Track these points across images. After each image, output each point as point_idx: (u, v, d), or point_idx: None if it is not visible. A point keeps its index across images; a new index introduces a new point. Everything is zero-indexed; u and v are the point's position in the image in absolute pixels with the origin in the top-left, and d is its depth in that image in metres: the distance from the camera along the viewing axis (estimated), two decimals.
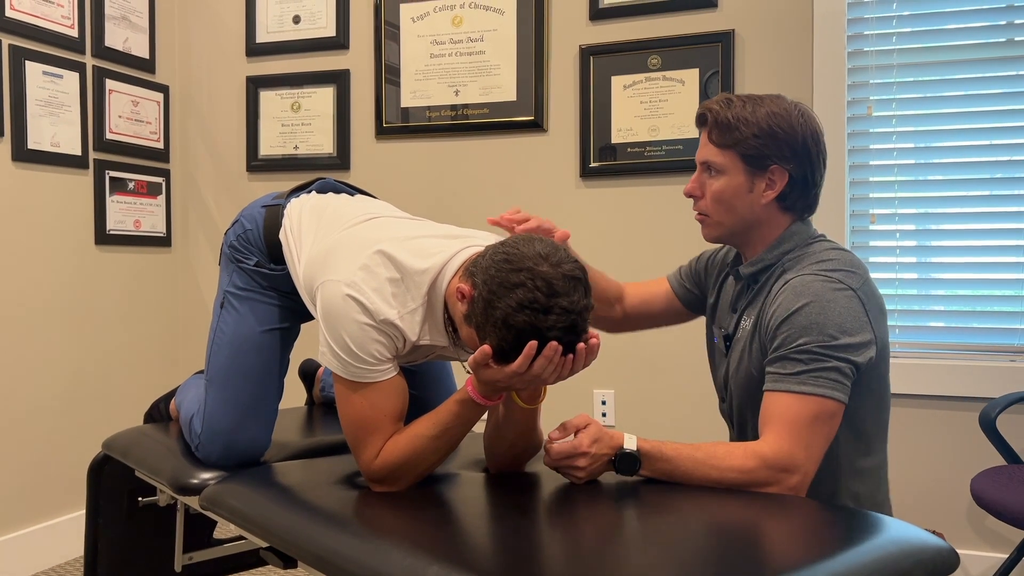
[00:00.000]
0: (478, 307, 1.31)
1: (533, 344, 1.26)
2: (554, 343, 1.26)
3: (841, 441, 1.45)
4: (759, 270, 1.55)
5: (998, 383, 2.43)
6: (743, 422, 1.58)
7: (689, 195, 1.57)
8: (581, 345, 1.30)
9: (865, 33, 2.61)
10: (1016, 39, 2.49)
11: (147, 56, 3.21)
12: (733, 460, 1.38)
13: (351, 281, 1.41)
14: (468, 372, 1.51)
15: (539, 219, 1.59)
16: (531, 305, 1.26)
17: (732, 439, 1.67)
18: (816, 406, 1.38)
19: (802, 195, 1.52)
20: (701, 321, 1.80)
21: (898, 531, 1.19)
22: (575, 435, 1.40)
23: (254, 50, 3.28)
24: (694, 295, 1.81)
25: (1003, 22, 2.50)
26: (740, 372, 1.54)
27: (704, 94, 2.71)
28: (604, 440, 1.41)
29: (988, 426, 2.20)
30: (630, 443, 1.40)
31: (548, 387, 1.43)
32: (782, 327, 1.41)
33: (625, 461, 1.40)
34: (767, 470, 1.36)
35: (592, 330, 1.33)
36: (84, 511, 2.10)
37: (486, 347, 1.29)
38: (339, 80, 3.16)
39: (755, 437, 1.56)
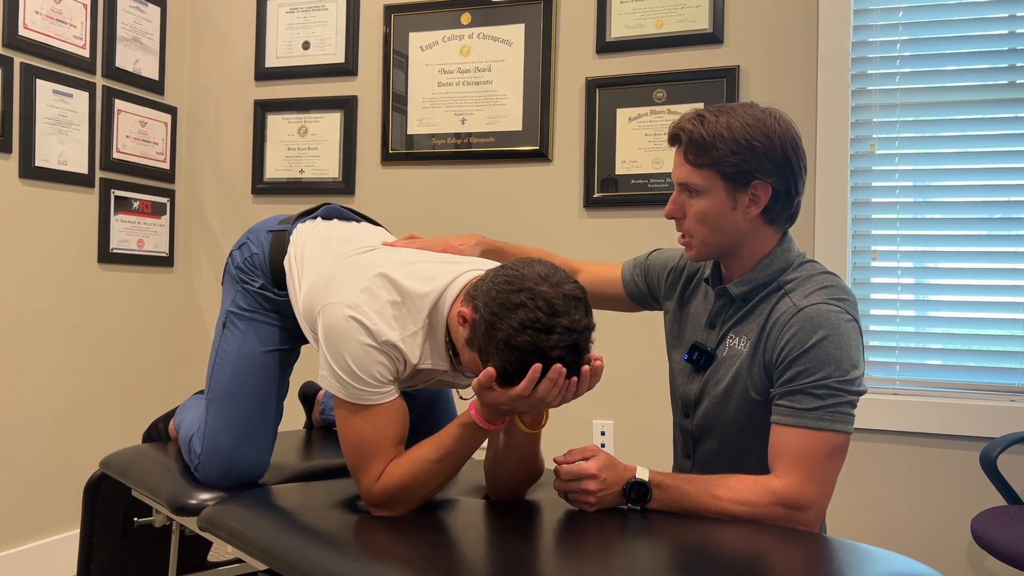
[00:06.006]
0: (480, 330, 1.31)
1: (537, 367, 1.26)
2: (559, 366, 1.26)
3: None
4: (751, 289, 1.51)
5: (998, 423, 2.43)
6: (711, 440, 1.57)
7: (670, 217, 1.53)
8: (586, 368, 1.30)
9: (869, 72, 2.64)
10: (1018, 81, 2.52)
11: (156, 77, 3.24)
12: (746, 494, 1.37)
13: (353, 303, 1.41)
14: (464, 399, 1.51)
15: (425, 240, 1.69)
16: (533, 325, 1.26)
17: (681, 454, 1.65)
18: (831, 441, 1.38)
19: (786, 206, 1.49)
20: None
21: (900, 566, 1.18)
22: (586, 460, 1.40)
23: (263, 74, 3.31)
24: (642, 292, 1.78)
25: (1005, 65, 2.53)
26: (732, 392, 1.51)
27: None
28: (616, 469, 1.40)
29: (989, 466, 2.19)
30: (642, 473, 1.39)
31: (549, 412, 1.43)
32: (800, 360, 1.40)
33: (636, 490, 1.39)
34: (780, 507, 1.36)
35: (595, 352, 1.33)
36: (78, 530, 2.08)
37: (490, 369, 1.29)
38: (346, 106, 3.19)
39: (721, 452, 1.55)
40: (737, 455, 1.53)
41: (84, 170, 2.91)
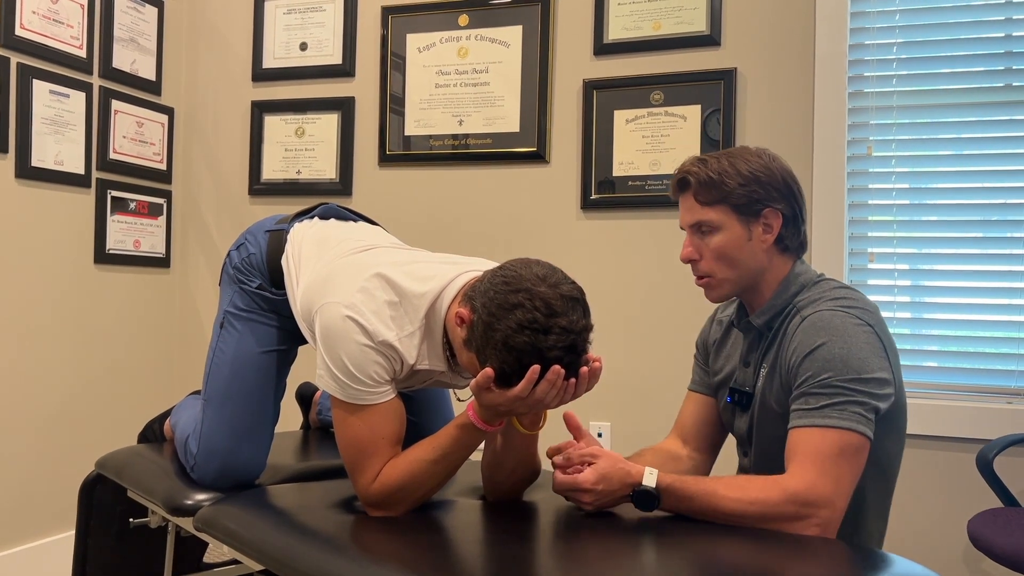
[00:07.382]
0: (478, 330, 1.31)
1: (536, 368, 1.26)
2: (557, 367, 1.26)
3: (868, 479, 1.42)
4: (771, 317, 1.53)
5: (995, 425, 2.43)
6: (762, 470, 1.55)
7: (687, 261, 1.55)
8: (584, 369, 1.30)
9: (865, 75, 2.64)
10: (1014, 84, 2.52)
11: (153, 78, 3.23)
12: (756, 492, 1.34)
13: (350, 303, 1.41)
14: (461, 400, 1.51)
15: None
16: (531, 325, 1.26)
17: None
18: (841, 438, 1.35)
19: (795, 233, 1.53)
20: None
21: (897, 567, 1.18)
22: (585, 465, 1.38)
23: (260, 75, 3.31)
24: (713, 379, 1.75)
25: (1001, 67, 2.54)
26: (766, 417, 1.51)
27: (705, 130, 2.73)
28: (615, 477, 1.37)
29: (985, 468, 2.19)
30: (650, 479, 1.36)
31: (548, 413, 1.43)
32: (804, 363, 1.39)
33: (643, 499, 1.37)
34: (792, 504, 1.32)
35: (593, 354, 1.33)
36: (74, 531, 2.08)
37: (488, 370, 1.29)
38: (344, 107, 3.19)
39: None
40: None
41: (81, 170, 2.91)
